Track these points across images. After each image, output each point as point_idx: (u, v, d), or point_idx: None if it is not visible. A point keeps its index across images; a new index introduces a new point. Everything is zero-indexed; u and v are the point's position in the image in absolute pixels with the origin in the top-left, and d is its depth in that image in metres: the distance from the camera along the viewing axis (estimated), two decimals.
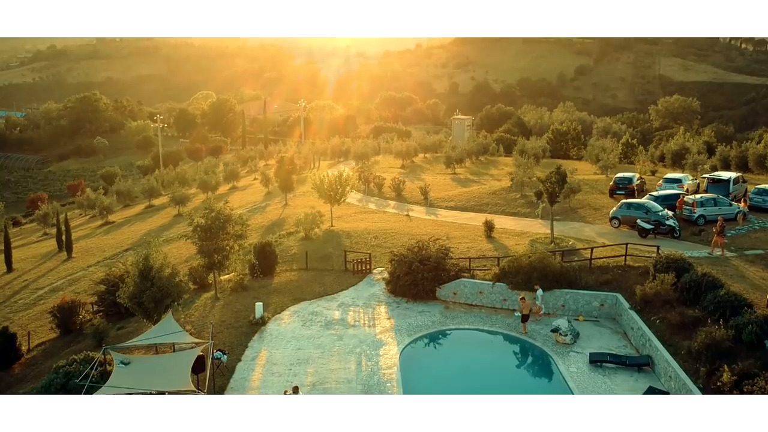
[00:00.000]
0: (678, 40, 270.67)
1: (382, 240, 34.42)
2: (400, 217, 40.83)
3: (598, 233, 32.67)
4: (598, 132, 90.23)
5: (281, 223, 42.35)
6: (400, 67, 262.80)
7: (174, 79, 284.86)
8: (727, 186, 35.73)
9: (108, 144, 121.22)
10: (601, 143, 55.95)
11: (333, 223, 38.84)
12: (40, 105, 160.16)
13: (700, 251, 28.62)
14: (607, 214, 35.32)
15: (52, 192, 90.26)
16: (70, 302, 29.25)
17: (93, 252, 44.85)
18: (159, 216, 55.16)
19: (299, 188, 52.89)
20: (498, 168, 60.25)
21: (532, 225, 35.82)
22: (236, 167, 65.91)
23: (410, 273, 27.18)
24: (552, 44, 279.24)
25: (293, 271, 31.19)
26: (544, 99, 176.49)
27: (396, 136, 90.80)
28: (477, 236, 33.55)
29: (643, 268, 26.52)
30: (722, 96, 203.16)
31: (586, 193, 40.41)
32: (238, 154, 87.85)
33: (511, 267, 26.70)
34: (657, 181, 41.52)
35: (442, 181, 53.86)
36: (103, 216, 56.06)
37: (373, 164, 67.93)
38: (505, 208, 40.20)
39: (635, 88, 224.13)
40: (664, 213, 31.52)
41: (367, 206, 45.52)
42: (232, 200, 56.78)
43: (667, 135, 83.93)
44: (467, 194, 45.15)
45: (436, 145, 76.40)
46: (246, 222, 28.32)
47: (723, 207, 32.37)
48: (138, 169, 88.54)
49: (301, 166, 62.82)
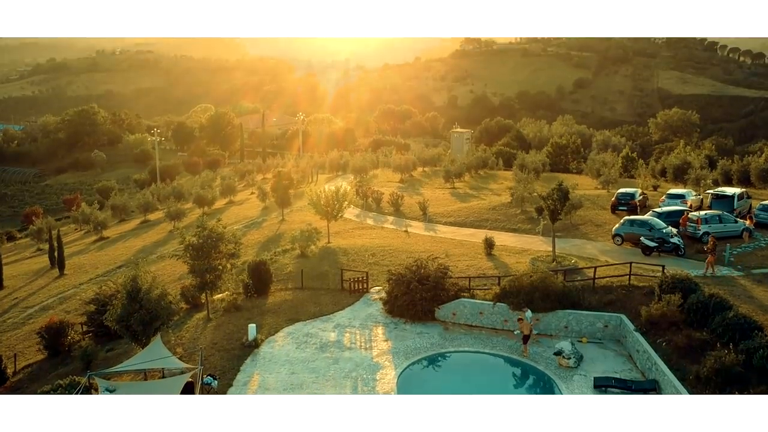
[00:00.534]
0: (676, 53, 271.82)
1: (379, 257, 33.67)
2: (399, 233, 40.12)
3: (600, 251, 31.94)
4: (598, 145, 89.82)
5: (277, 239, 41.60)
6: (399, 80, 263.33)
7: (173, 92, 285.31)
8: (732, 202, 35.04)
9: (106, 157, 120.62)
10: (602, 157, 55.31)
11: (330, 239, 38.10)
12: (39, 118, 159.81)
13: (706, 271, 27.84)
14: (609, 230, 34.63)
15: (48, 206, 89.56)
16: (59, 323, 28.42)
17: (86, 269, 44.06)
18: (154, 231, 54.42)
19: (296, 203, 52.20)
20: (497, 182, 59.64)
21: (532, 242, 35.10)
22: (233, 181, 65.21)
23: (408, 293, 26.43)
24: (550, 57, 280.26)
25: (288, 290, 30.40)
26: (542, 112, 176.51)
27: (395, 149, 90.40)
28: (477, 254, 32.81)
29: (647, 287, 25.77)
30: (721, 109, 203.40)
31: (588, 209, 39.72)
32: (236, 168, 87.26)
33: (512, 287, 25.94)
34: (659, 197, 40.88)
35: (441, 195, 53.21)
36: (97, 231, 55.29)
37: (372, 178, 67.35)
38: (505, 224, 39.50)
39: (634, 100, 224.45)
40: (668, 230, 30.81)
41: (365, 221, 44.82)
42: (228, 215, 56.19)
43: (667, 148, 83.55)
44: (466, 209, 44.47)
45: (435, 159, 75.87)
46: (239, 240, 27.55)
47: (728, 224, 31.69)
48: (135, 182, 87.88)
49: (298, 180, 62.14)
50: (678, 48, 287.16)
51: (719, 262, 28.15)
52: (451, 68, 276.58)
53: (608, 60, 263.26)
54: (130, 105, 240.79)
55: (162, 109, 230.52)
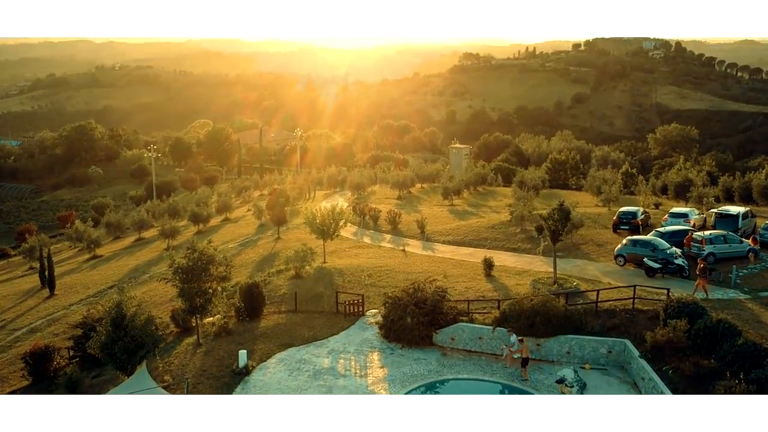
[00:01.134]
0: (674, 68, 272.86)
1: (376, 278, 32.82)
2: (396, 252, 39.30)
3: (602, 272, 31.13)
4: (597, 161, 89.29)
5: (272, 258, 40.75)
6: (398, 94, 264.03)
7: (172, 107, 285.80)
8: (736, 221, 34.28)
9: (102, 173, 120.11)
10: (602, 174, 54.66)
11: (326, 258, 37.28)
12: (36, 134, 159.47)
13: (712, 292, 27.04)
14: (611, 250, 33.85)
15: (44, 223, 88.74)
16: (44, 347, 27.49)
17: (76, 289, 43.13)
18: (148, 250, 53.56)
19: (293, 220, 51.44)
20: (497, 199, 58.93)
21: (533, 262, 34.29)
22: (229, 198, 64.46)
23: (405, 317, 25.56)
24: (548, 73, 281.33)
25: (281, 313, 29.49)
26: (541, 127, 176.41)
27: (393, 164, 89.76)
28: (476, 274, 31.98)
29: (652, 311, 24.94)
30: (719, 124, 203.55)
31: (589, 228, 38.95)
32: (233, 184, 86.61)
33: (513, 311, 25.09)
34: (662, 215, 40.15)
35: (439, 213, 52.46)
36: (90, 250, 54.42)
37: (370, 195, 66.72)
38: (504, 243, 38.71)
39: (632, 116, 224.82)
40: (672, 251, 30.03)
41: (362, 240, 44.02)
42: (223, 232, 55.41)
43: (667, 164, 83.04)
44: (465, 228, 43.69)
45: (434, 175, 75.22)
46: (230, 262, 26.72)
47: (733, 244, 30.92)
48: (130, 199, 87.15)
49: (294, 197, 61.43)
50: (676, 63, 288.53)
51: (725, 284, 27.35)
52: (449, 83, 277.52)
53: (606, 75, 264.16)
54: (129, 120, 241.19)
55: (161, 125, 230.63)
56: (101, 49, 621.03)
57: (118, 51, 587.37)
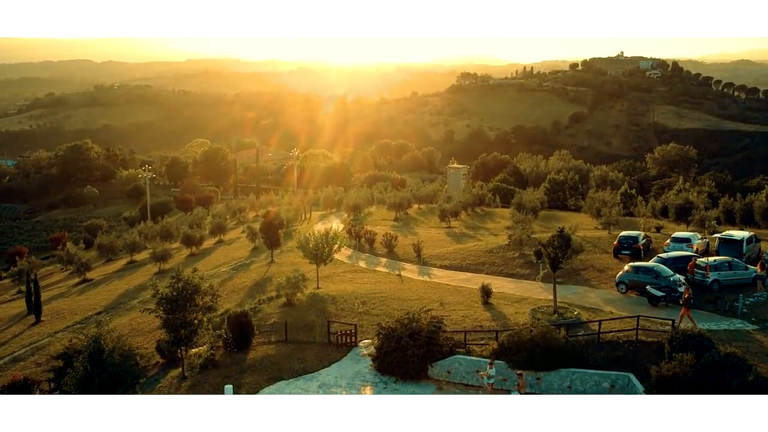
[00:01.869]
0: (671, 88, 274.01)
1: (370, 306, 31.76)
2: (392, 277, 38.29)
3: (604, 299, 30.12)
4: (596, 181, 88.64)
5: (265, 283, 39.70)
6: (396, 113, 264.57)
7: (171, 126, 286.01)
8: (740, 246, 33.35)
9: (98, 193, 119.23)
10: (601, 196, 53.80)
11: (319, 284, 36.27)
12: (32, 153, 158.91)
13: (717, 322, 26.06)
14: (612, 276, 32.90)
15: (38, 244, 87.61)
16: (23, 380, 26.31)
17: (64, 315, 41.96)
18: (139, 273, 52.47)
19: (288, 242, 50.44)
20: (495, 221, 58.05)
21: (532, 288, 33.29)
22: (223, 220, 63.52)
23: (399, 349, 24.50)
24: (546, 92, 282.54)
25: (271, 343, 28.37)
26: (539, 146, 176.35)
27: (390, 184, 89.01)
28: (473, 302, 30.95)
29: (657, 343, 23.91)
30: (716, 143, 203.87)
31: (589, 252, 38.00)
32: (229, 204, 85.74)
33: (511, 342, 24.06)
34: (663, 239, 39.21)
35: (436, 235, 51.52)
36: (80, 273, 53.26)
37: (366, 216, 65.84)
38: (503, 268, 37.72)
39: (630, 135, 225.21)
40: (675, 278, 29.06)
41: (357, 264, 43.03)
42: (216, 255, 54.41)
43: (666, 184, 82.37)
44: (462, 251, 42.72)
45: (431, 196, 74.41)
46: (216, 292, 25.70)
47: (739, 271, 29.97)
48: (124, 220, 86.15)
49: (289, 218, 60.50)
50: (673, 83, 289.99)
51: (732, 313, 26.37)
52: (447, 103, 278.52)
53: (604, 95, 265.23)
54: (128, 139, 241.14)
55: (159, 144, 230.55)
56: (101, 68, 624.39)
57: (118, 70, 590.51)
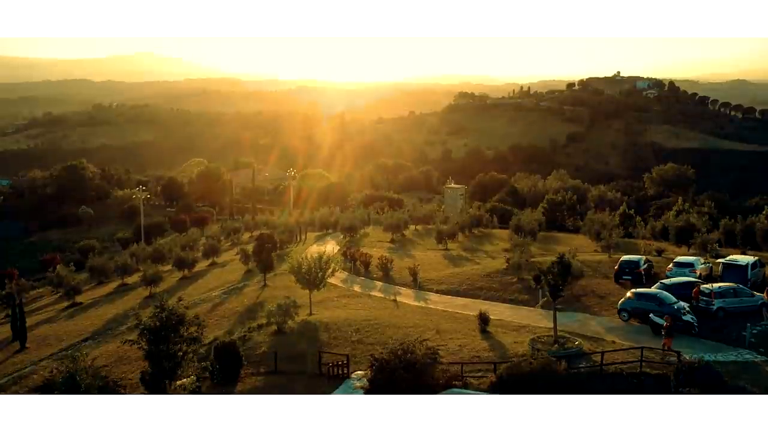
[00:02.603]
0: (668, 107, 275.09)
1: (364, 334, 30.71)
2: (387, 302, 37.28)
3: (605, 328, 29.11)
4: (594, 201, 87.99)
5: (257, 308, 38.62)
6: (394, 132, 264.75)
7: (169, 145, 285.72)
8: (745, 272, 32.41)
9: (93, 213, 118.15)
10: (600, 217, 53.00)
11: (312, 309, 35.22)
12: (27, 172, 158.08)
13: (725, 353, 25.05)
14: (613, 302, 31.91)
15: (31, 265, 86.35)
16: None
17: (50, 341, 40.75)
18: (130, 297, 51.33)
19: (281, 266, 49.41)
20: (493, 243, 57.17)
21: (531, 316, 32.28)
22: (216, 242, 62.54)
23: (393, 382, 23.40)
24: (543, 112, 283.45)
25: (260, 375, 27.24)
26: (536, 165, 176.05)
27: (387, 205, 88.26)
28: (470, 330, 29.93)
29: (662, 375, 22.89)
30: (713, 162, 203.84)
31: (589, 277, 37.06)
32: (224, 225, 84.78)
33: (510, 375, 23.01)
34: (665, 263, 38.27)
35: (433, 258, 50.59)
36: (69, 297, 52.07)
37: (362, 237, 64.95)
38: (501, 293, 36.74)
39: (627, 154, 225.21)
40: (679, 305, 28.08)
41: (352, 288, 42.03)
42: (209, 279, 53.34)
43: (665, 204, 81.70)
44: (460, 275, 41.74)
45: (428, 216, 73.56)
46: (203, 322, 24.68)
47: (744, 298, 29.01)
48: (117, 241, 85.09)
49: (283, 240, 59.60)
50: (670, 103, 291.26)
51: (739, 343, 25.37)
52: (444, 122, 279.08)
53: (601, 114, 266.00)
54: (125, 159, 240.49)
55: (157, 163, 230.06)
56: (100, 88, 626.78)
57: (117, 90, 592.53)
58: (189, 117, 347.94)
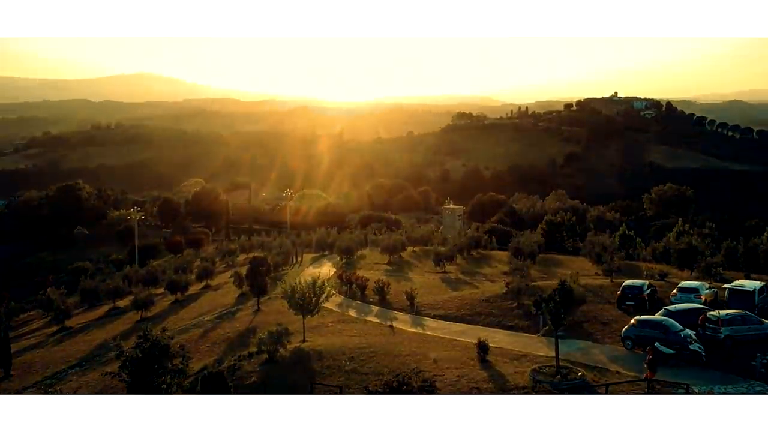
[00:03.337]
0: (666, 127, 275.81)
1: (358, 362, 29.54)
2: (383, 328, 36.18)
3: (609, 356, 28.02)
4: (593, 221, 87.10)
5: (249, 334, 37.52)
6: (392, 152, 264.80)
7: (167, 165, 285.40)
8: (752, 298, 31.41)
9: (88, 234, 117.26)
10: (601, 240, 52.05)
11: (306, 336, 34.11)
12: (24, 192, 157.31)
13: (734, 385, 23.97)
14: (617, 329, 30.86)
15: (23, 287, 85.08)
16: None
17: (35, 368, 39.55)
18: (120, 321, 50.19)
19: (275, 289, 48.30)
20: (491, 266, 56.20)
21: (531, 342, 31.17)
22: (210, 264, 61.48)
23: None
24: (541, 132, 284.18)
25: None
26: (535, 186, 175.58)
27: (384, 226, 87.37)
28: (469, 359, 28.78)
29: None
30: (711, 182, 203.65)
31: (591, 302, 35.95)
32: (220, 246, 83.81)
33: None
34: (668, 287, 37.25)
35: (430, 281, 49.57)
36: (58, 321, 50.86)
37: (359, 259, 63.99)
38: (500, 319, 35.65)
39: (625, 174, 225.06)
40: (686, 333, 27.04)
41: (347, 313, 40.95)
42: (202, 302, 52.28)
43: (665, 224, 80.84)
44: (458, 300, 40.67)
45: (426, 238, 72.61)
46: (188, 353, 23.62)
47: (753, 325, 27.99)
48: (111, 263, 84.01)
49: (277, 262, 58.62)
50: (667, 123, 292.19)
51: (749, 374, 24.30)
52: (443, 142, 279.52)
53: (599, 134, 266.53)
54: (123, 179, 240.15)
55: (155, 183, 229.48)
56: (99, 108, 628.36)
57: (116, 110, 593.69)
58: (187, 137, 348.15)
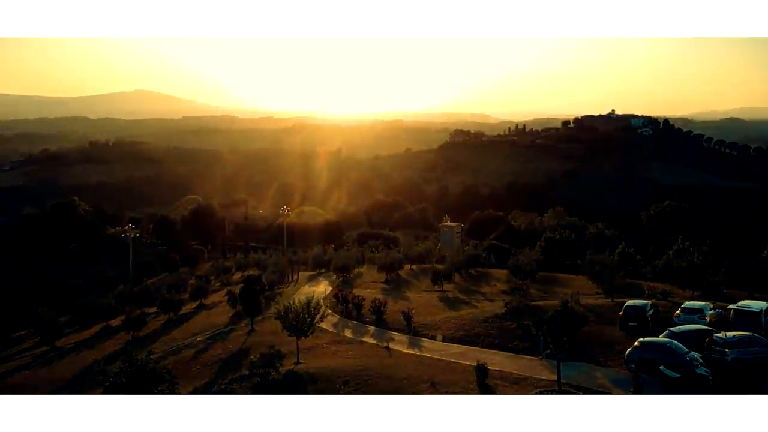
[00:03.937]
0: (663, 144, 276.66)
1: (353, 386, 28.62)
2: (379, 350, 35.30)
3: (613, 380, 27.15)
4: (592, 240, 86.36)
5: (242, 355, 36.57)
6: (390, 169, 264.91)
7: (165, 182, 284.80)
8: (759, 319, 30.61)
9: (84, 251, 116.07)
10: (601, 259, 51.31)
11: (300, 358, 33.18)
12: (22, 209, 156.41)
13: None
14: (619, 351, 30.04)
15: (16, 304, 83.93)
16: None
17: (22, 391, 38.33)
18: (111, 342, 49.16)
19: (270, 309, 47.40)
20: (490, 284, 55.38)
21: (532, 365, 30.30)
22: (204, 283, 60.59)
23: None
24: (538, 149, 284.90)
25: None
26: (533, 202, 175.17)
27: (382, 243, 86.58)
28: (468, 383, 27.90)
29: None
30: (709, 199, 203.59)
31: (592, 323, 35.13)
32: (215, 264, 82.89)
33: None
34: (671, 307, 36.44)
35: (428, 300, 48.73)
36: (48, 342, 49.83)
37: (356, 277, 63.17)
38: (499, 340, 34.78)
39: (623, 191, 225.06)
40: (692, 355, 26.18)
41: (343, 333, 40.11)
42: (195, 322, 51.27)
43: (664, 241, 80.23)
44: (456, 320, 39.78)
45: (423, 256, 71.79)
46: (174, 377, 22.72)
47: (760, 347, 27.16)
48: (106, 281, 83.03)
49: (273, 281, 57.77)
50: (665, 139, 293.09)
51: None
52: (441, 159, 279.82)
53: (596, 151, 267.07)
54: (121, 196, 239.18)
55: (152, 200, 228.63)
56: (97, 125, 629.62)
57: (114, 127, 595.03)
58: (185, 154, 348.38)
